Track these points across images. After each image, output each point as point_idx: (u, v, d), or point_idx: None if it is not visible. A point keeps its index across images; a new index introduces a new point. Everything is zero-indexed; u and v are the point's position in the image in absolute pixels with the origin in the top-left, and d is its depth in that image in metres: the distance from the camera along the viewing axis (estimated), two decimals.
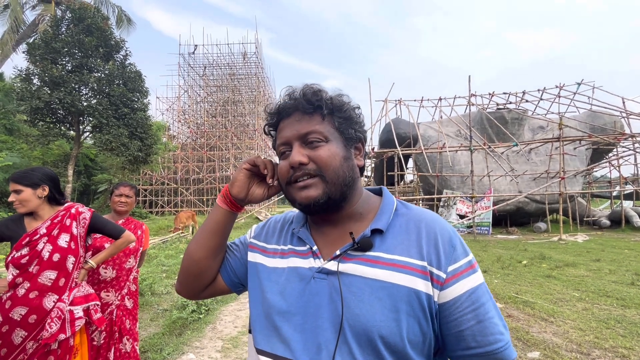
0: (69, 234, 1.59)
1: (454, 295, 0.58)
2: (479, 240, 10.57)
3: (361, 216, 0.68)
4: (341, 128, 0.66)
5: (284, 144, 0.66)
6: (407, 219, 0.65)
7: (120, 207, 2.27)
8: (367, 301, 0.56)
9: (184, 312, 3.80)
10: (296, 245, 0.69)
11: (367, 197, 0.71)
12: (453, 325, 0.58)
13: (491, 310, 0.59)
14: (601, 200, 21.83)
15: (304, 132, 0.64)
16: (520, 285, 4.99)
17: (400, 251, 0.60)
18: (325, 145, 0.63)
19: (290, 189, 0.65)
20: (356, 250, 0.61)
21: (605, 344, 2.96)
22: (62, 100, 11.50)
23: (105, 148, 12.80)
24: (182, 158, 27.45)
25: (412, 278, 0.57)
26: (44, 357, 1.44)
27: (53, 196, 1.62)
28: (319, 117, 0.64)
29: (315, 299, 0.60)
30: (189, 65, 29.00)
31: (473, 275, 0.60)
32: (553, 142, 12.48)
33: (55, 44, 11.69)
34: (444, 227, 0.63)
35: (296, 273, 0.64)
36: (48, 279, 1.50)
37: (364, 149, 0.72)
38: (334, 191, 0.62)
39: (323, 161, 0.62)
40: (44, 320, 1.46)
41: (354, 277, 0.59)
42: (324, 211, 0.65)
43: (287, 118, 0.67)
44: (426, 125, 16.70)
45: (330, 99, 0.65)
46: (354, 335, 0.56)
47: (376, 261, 0.59)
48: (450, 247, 0.60)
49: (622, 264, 6.33)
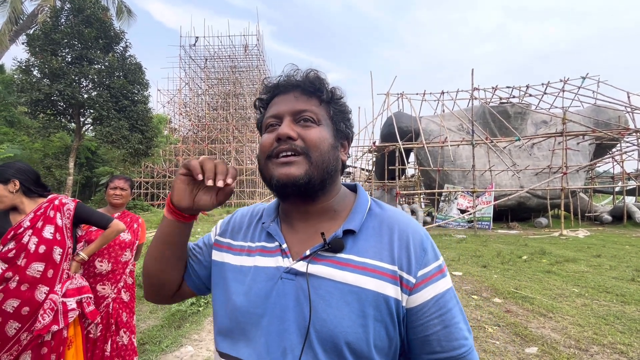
0: (54, 225, 1.59)
1: (422, 300, 0.57)
2: (480, 235, 10.56)
3: (335, 214, 0.65)
4: (335, 118, 0.66)
5: (274, 116, 0.63)
6: (381, 221, 0.63)
7: (115, 200, 2.26)
8: (335, 305, 0.55)
9: (183, 304, 3.81)
10: (265, 242, 0.65)
11: (343, 194, 0.68)
12: (419, 330, 0.57)
13: (457, 315, 0.59)
14: (603, 196, 21.76)
15: (299, 109, 0.62)
16: (520, 280, 4.98)
17: (371, 254, 0.58)
18: (317, 127, 0.62)
19: (269, 164, 0.61)
20: (327, 251, 0.58)
21: (604, 340, 2.95)
22: (62, 92, 11.47)
23: (106, 140, 12.80)
24: (183, 151, 27.45)
25: (382, 283, 0.56)
26: (38, 348, 1.44)
27: (28, 189, 1.61)
28: (317, 101, 0.64)
29: (282, 300, 0.57)
30: (190, 58, 28.84)
31: (442, 280, 0.59)
32: (556, 136, 12.38)
33: (54, 35, 11.61)
34: (416, 230, 0.61)
35: (263, 272, 0.61)
36: (36, 271, 1.50)
37: (349, 147, 0.71)
38: (316, 175, 0.60)
39: (313, 141, 0.60)
40: (37, 312, 1.46)
41: (323, 279, 0.57)
42: (299, 197, 0.61)
43: (283, 94, 0.65)
44: (428, 119, 16.59)
45: (331, 88, 0.66)
46: (319, 341, 0.54)
47: (347, 264, 0.57)
48: (421, 250, 0.59)
49: (623, 260, 6.30)
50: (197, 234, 10.59)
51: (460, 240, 9.43)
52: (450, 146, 13.61)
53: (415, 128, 15.79)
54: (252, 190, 27.56)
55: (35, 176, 1.67)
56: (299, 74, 0.64)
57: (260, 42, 29.06)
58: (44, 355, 1.45)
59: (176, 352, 2.83)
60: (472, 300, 4.08)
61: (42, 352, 1.45)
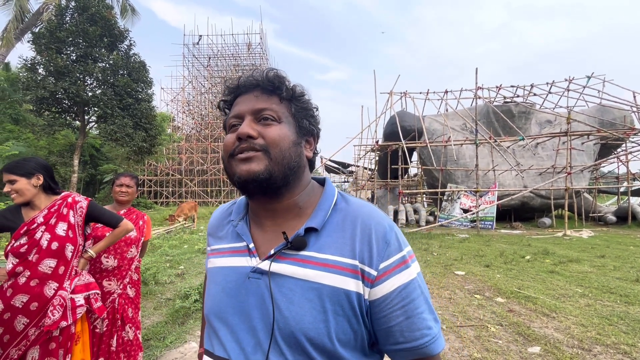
0: (67, 223, 1.60)
1: (384, 292, 0.57)
2: (482, 235, 10.52)
3: (300, 210, 0.66)
4: (297, 115, 0.66)
5: (235, 116, 0.65)
6: (344, 215, 0.63)
7: (121, 197, 2.28)
8: (297, 302, 0.56)
9: (187, 301, 3.84)
10: (234, 242, 0.67)
11: (310, 190, 0.68)
12: (383, 322, 0.58)
13: (421, 306, 0.58)
14: (608, 196, 21.60)
15: (258, 108, 0.63)
16: (523, 280, 4.97)
17: (333, 250, 0.59)
18: (277, 125, 0.63)
19: (231, 162, 0.63)
20: (290, 250, 0.60)
21: (607, 340, 2.95)
22: (67, 90, 11.54)
23: (110, 138, 12.87)
24: (186, 149, 27.55)
25: (343, 278, 0.57)
26: (46, 343, 1.46)
27: (48, 185, 1.63)
28: (277, 99, 0.65)
29: (250, 299, 0.59)
30: (193, 56, 28.90)
31: (405, 271, 0.58)
32: (560, 136, 12.29)
33: (59, 33, 11.67)
34: (379, 222, 0.61)
35: (233, 272, 0.63)
36: (48, 267, 1.51)
37: (315, 144, 0.71)
38: (277, 171, 0.60)
39: (272, 138, 0.61)
40: (45, 307, 1.48)
41: (286, 277, 0.58)
42: (262, 193, 0.62)
43: (245, 94, 0.66)
44: (431, 118, 16.52)
45: (292, 86, 0.66)
46: (283, 338, 0.56)
47: (308, 261, 0.58)
48: (383, 243, 0.59)
49: (627, 261, 6.27)
50: (200, 232, 10.65)
51: (462, 240, 9.41)
52: (453, 145, 13.56)
53: (419, 127, 15.74)
54: None
55: (53, 172, 1.69)
56: (259, 74, 0.65)
57: (264, 40, 29.07)
58: (52, 351, 1.48)
59: (180, 348, 2.85)
60: (474, 300, 4.07)
61: (50, 348, 1.47)
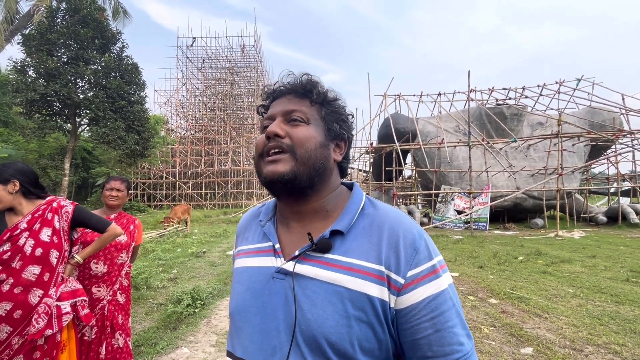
0: (51, 228, 1.57)
1: (412, 302, 0.55)
2: (476, 236, 10.60)
3: (327, 214, 0.66)
4: (327, 119, 0.67)
5: (268, 118, 0.68)
6: (372, 220, 0.62)
7: (111, 201, 2.24)
8: (320, 305, 0.55)
9: (179, 306, 3.79)
10: (261, 242, 0.68)
11: (338, 193, 0.69)
12: (409, 333, 0.56)
13: (453, 319, 0.56)
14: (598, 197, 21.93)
15: (289, 109, 0.65)
16: (516, 281, 5.01)
17: (358, 254, 0.58)
18: (305, 126, 0.64)
19: (260, 162, 0.65)
20: (315, 252, 0.60)
21: (599, 340, 2.97)
22: (58, 93, 11.40)
23: (102, 141, 12.74)
24: (180, 152, 27.35)
25: (367, 283, 0.56)
26: (30, 352, 1.42)
27: (27, 190, 1.59)
28: (308, 102, 0.67)
29: (273, 299, 0.59)
30: (187, 58, 28.77)
31: (435, 281, 0.56)
32: (552, 138, 12.46)
33: (50, 35, 11.54)
34: (408, 229, 0.60)
35: (258, 272, 0.64)
36: (32, 274, 1.48)
37: (346, 148, 0.71)
38: (302, 172, 0.61)
39: (298, 139, 0.62)
40: (29, 315, 1.44)
41: (310, 279, 0.58)
42: (288, 193, 0.64)
43: (279, 98, 0.69)
44: (425, 120, 16.64)
45: (324, 91, 0.68)
46: (304, 340, 0.55)
47: (333, 264, 0.58)
48: (412, 250, 0.57)
49: (618, 261, 6.35)
50: (193, 235, 10.56)
51: (457, 241, 9.46)
52: (447, 147, 13.66)
53: (412, 129, 15.83)
54: (250, 191, 27.50)
55: (35, 177, 1.65)
56: (294, 79, 0.68)
57: (258, 43, 29.06)
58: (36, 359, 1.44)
59: (172, 354, 2.81)
60: (468, 301, 4.09)
61: (34, 357, 1.44)
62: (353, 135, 0.74)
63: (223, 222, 15.96)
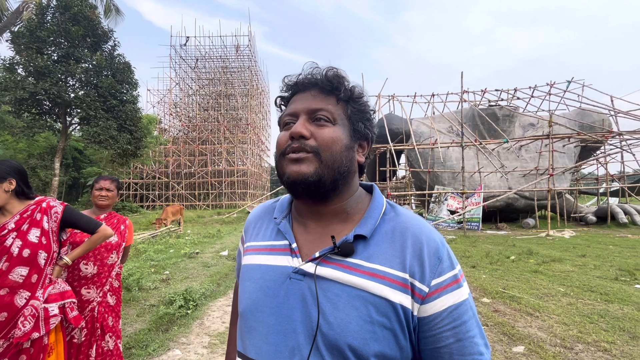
0: (40, 229, 1.53)
1: (435, 310, 0.55)
2: (469, 236, 10.69)
3: (347, 216, 0.64)
4: (352, 118, 0.64)
5: (290, 114, 0.64)
6: (394, 226, 0.61)
7: (101, 202, 2.21)
8: (343, 309, 0.54)
9: (171, 307, 3.75)
10: (276, 240, 0.65)
11: (357, 197, 0.67)
12: (431, 342, 0.56)
13: (473, 329, 0.56)
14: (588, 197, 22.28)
15: (314, 108, 0.62)
16: (508, 280, 5.06)
17: (382, 260, 0.57)
18: (332, 127, 0.61)
19: (282, 161, 0.62)
20: (336, 255, 0.58)
21: (588, 338, 3.02)
22: (48, 91, 11.19)
23: (94, 141, 12.55)
24: (173, 152, 27.12)
25: (391, 290, 0.55)
26: (15, 356, 1.39)
27: (21, 190, 1.56)
28: (334, 100, 0.63)
29: (290, 300, 0.57)
30: (180, 58, 28.53)
31: (457, 291, 0.57)
32: (543, 139, 12.63)
33: (40, 32, 11.33)
34: (431, 237, 0.59)
35: (273, 271, 0.61)
36: (19, 275, 1.44)
37: (369, 148, 0.69)
38: (327, 174, 0.59)
39: (325, 141, 0.60)
40: (14, 318, 1.40)
41: (331, 282, 0.56)
42: (310, 195, 0.61)
43: (302, 92, 0.65)
44: (419, 121, 16.74)
45: (351, 87, 0.64)
46: (325, 343, 0.53)
47: (355, 269, 0.56)
48: (436, 259, 0.57)
49: (607, 260, 6.46)
50: (186, 236, 10.46)
51: (450, 241, 9.53)
52: (440, 148, 13.76)
53: (406, 130, 15.92)
54: (244, 191, 27.37)
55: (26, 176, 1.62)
56: (318, 72, 0.64)
57: (252, 42, 28.94)
58: None
59: (163, 356, 2.78)
60: None
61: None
62: (375, 134, 0.70)
63: (217, 222, 15.85)
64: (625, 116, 14.25)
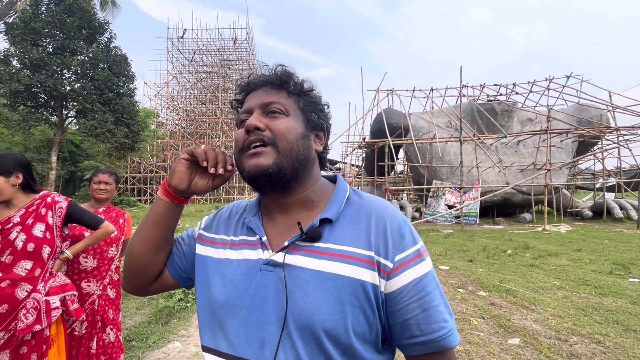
0: (45, 224, 1.53)
1: (400, 284, 0.57)
2: (466, 230, 10.76)
3: (313, 204, 0.66)
4: (305, 109, 0.67)
5: (245, 112, 0.66)
6: (358, 208, 0.63)
7: (99, 195, 2.20)
8: (313, 294, 0.55)
9: (171, 300, 3.77)
10: (247, 236, 0.66)
11: (321, 185, 0.69)
12: (398, 315, 0.58)
13: (437, 299, 0.58)
14: (585, 192, 22.43)
15: (267, 101, 0.64)
16: (504, 274, 5.11)
17: (348, 241, 0.59)
18: (285, 117, 0.64)
19: (242, 157, 0.63)
20: (305, 241, 0.59)
21: (583, 330, 3.07)
22: (44, 84, 11.08)
23: (90, 134, 12.48)
24: (171, 145, 26.98)
25: (359, 269, 0.56)
26: (17, 347, 1.40)
27: (27, 184, 1.56)
28: (285, 93, 0.66)
29: (262, 292, 0.58)
30: (177, 50, 28.25)
31: (420, 264, 0.59)
32: (541, 134, 12.67)
33: (35, 24, 11.17)
34: (393, 215, 0.62)
35: (244, 265, 0.62)
36: (23, 269, 1.45)
37: (326, 139, 0.72)
38: (286, 164, 0.61)
39: (279, 131, 0.62)
40: (15, 310, 1.41)
41: (301, 269, 0.57)
42: (272, 187, 0.63)
43: (255, 91, 0.67)
44: (417, 115, 16.72)
45: (300, 81, 0.67)
46: (297, 329, 0.55)
47: (324, 252, 0.58)
48: (398, 235, 0.59)
49: (602, 254, 6.53)
50: (185, 229, 10.47)
51: (447, 235, 9.59)
52: (438, 143, 13.76)
53: (405, 124, 15.89)
54: (242, 185, 27.35)
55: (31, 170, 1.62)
56: (268, 70, 0.67)
57: (250, 35, 28.67)
58: (23, 355, 1.41)
59: (163, 349, 2.80)
60: (458, 294, 4.16)
61: (21, 352, 1.41)
62: (331, 125, 0.73)
63: None
64: (623, 112, 14.28)
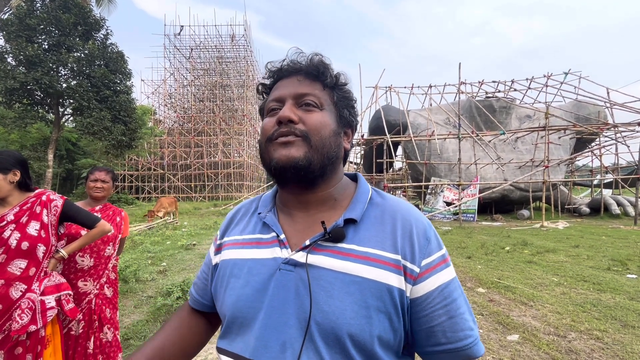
0: (39, 222, 1.51)
1: (427, 290, 0.55)
2: (465, 227, 10.78)
3: (335, 203, 0.63)
4: (338, 104, 0.64)
5: (276, 100, 0.62)
6: (382, 210, 0.61)
7: (96, 193, 2.17)
8: (337, 297, 0.52)
9: (169, 299, 3.75)
10: (261, 233, 0.63)
11: (344, 183, 0.67)
12: (424, 321, 0.56)
13: (462, 306, 0.57)
14: (582, 189, 22.52)
15: (302, 92, 0.61)
16: (503, 270, 5.12)
17: (373, 244, 0.56)
18: (320, 112, 0.61)
19: (269, 146, 0.60)
20: (327, 241, 0.57)
21: (581, 326, 3.07)
22: (39, 81, 10.97)
23: (87, 132, 12.38)
24: (169, 143, 26.87)
25: (385, 272, 0.54)
26: (12, 348, 1.38)
27: (24, 181, 1.53)
28: (320, 86, 0.63)
29: (281, 292, 0.55)
30: (174, 47, 28.04)
31: (446, 270, 0.57)
32: (539, 131, 12.69)
33: (30, 20, 11.04)
34: (419, 219, 0.60)
35: (261, 264, 0.59)
36: (18, 268, 1.43)
37: (352, 136, 0.70)
38: (316, 159, 0.58)
39: (314, 125, 0.59)
40: (9, 310, 1.39)
41: (324, 270, 0.54)
42: (298, 181, 0.60)
43: (286, 78, 0.64)
44: (416, 112, 16.70)
45: (336, 74, 0.64)
46: (320, 334, 0.52)
47: (348, 254, 0.55)
48: (425, 240, 0.57)
49: (600, 250, 6.56)
50: (183, 228, 10.44)
51: (446, 232, 9.61)
52: (437, 140, 13.77)
53: (403, 121, 15.88)
54: (240, 183, 27.29)
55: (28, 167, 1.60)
56: (303, 58, 0.63)
57: (248, 32, 28.49)
58: (18, 356, 1.39)
59: None
60: None
61: (16, 352, 1.39)
62: (358, 122, 0.71)
63: (213, 214, 15.83)
64: (621, 108, 14.31)
